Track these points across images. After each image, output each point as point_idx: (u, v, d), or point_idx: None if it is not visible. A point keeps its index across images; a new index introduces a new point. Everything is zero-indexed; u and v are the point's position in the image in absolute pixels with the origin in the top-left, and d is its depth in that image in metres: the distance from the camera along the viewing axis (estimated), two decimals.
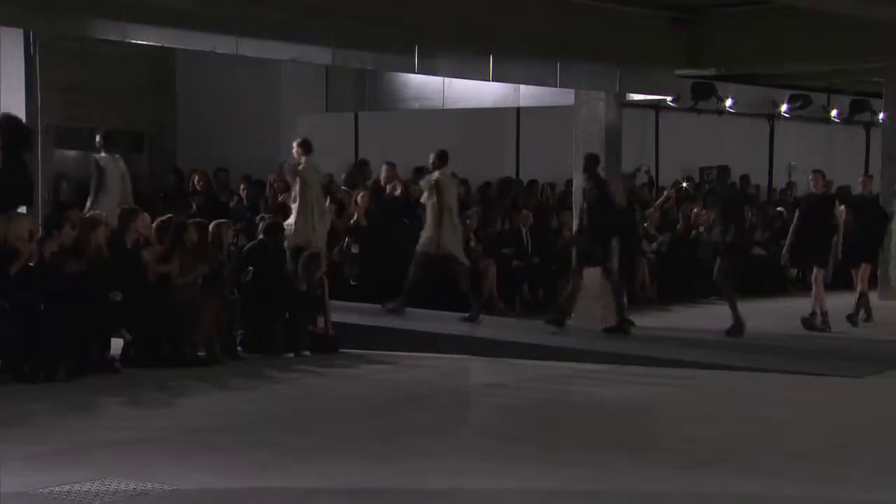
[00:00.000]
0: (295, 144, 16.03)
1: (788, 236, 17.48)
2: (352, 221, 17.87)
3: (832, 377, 12.71)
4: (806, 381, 12.54)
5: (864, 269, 17.87)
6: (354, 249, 17.66)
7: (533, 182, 22.31)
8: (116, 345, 12.93)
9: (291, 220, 15.55)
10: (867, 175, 19.20)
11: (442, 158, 15.84)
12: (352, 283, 17.43)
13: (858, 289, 17.67)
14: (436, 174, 15.80)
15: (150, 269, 13.25)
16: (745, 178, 25.98)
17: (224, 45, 13.57)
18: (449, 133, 19.91)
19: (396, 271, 16.64)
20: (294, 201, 15.78)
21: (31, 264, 12.20)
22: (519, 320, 17.34)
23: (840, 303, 17.33)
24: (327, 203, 16.95)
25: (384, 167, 19.00)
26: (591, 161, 15.84)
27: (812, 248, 16.87)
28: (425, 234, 15.72)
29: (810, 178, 17.64)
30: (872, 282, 20.99)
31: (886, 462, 8.99)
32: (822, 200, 17.20)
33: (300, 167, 15.75)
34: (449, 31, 14.54)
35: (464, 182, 21.15)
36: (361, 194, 18.27)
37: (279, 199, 16.96)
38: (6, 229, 12.31)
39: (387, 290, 16.80)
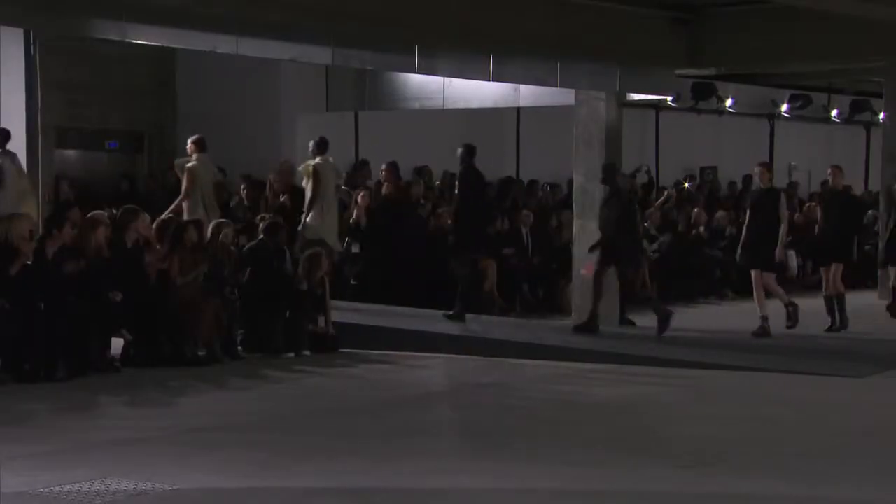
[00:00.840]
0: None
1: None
2: (352, 221, 17.88)
3: (832, 377, 12.71)
4: (806, 380, 12.54)
5: (834, 270, 16.45)
6: (355, 249, 17.67)
7: (533, 182, 22.32)
8: (117, 344, 12.94)
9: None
10: (835, 166, 17.17)
11: (321, 146, 16.08)
12: (352, 282, 17.44)
13: (823, 292, 16.54)
14: (314, 161, 15.95)
15: (151, 267, 13.25)
16: (748, 179, 25.97)
17: (224, 44, 13.59)
18: (449, 133, 19.90)
19: (397, 271, 16.66)
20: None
21: (30, 264, 12.21)
22: (519, 320, 17.34)
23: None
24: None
25: (384, 167, 19.01)
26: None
27: (758, 246, 15.83)
28: (302, 219, 15.89)
29: (756, 170, 16.52)
30: (868, 283, 21.06)
31: (886, 462, 8.99)
32: (766, 195, 15.94)
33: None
34: (449, 30, 14.54)
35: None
36: (362, 194, 18.27)
37: (279, 199, 16.97)
38: (7, 229, 12.32)
39: (387, 289, 16.84)
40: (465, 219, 15.67)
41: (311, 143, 16.22)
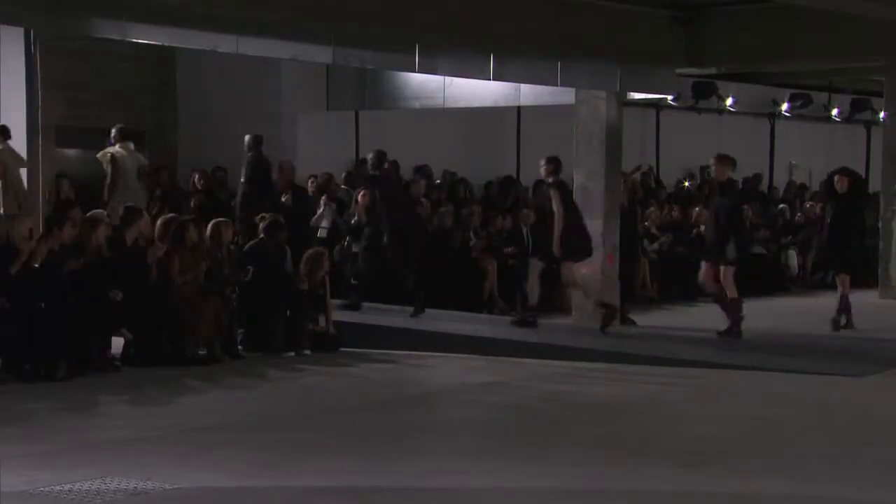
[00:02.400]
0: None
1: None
2: (353, 221, 17.87)
3: (833, 376, 12.71)
4: (806, 380, 12.54)
5: (723, 272, 15.40)
6: (355, 248, 17.65)
7: (539, 182, 22.30)
8: (117, 344, 12.94)
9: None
10: (718, 156, 15.69)
11: (123, 133, 16.36)
12: (352, 281, 17.42)
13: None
14: (113, 148, 16.18)
15: (152, 257, 13.24)
16: (757, 177, 25.95)
17: (225, 44, 13.57)
18: (449, 132, 19.93)
19: (396, 270, 16.60)
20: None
21: (33, 264, 12.20)
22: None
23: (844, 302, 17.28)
24: (323, 200, 17.13)
25: (385, 165, 18.98)
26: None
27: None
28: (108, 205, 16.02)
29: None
30: (869, 282, 20.99)
31: (887, 461, 8.99)
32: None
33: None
34: (449, 30, 14.53)
35: (463, 181, 21.19)
36: (362, 193, 18.26)
37: (281, 199, 16.96)
38: (9, 228, 12.32)
39: (387, 288, 16.80)
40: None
41: (113, 131, 16.55)
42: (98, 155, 16.66)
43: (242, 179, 16.98)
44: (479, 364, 13.61)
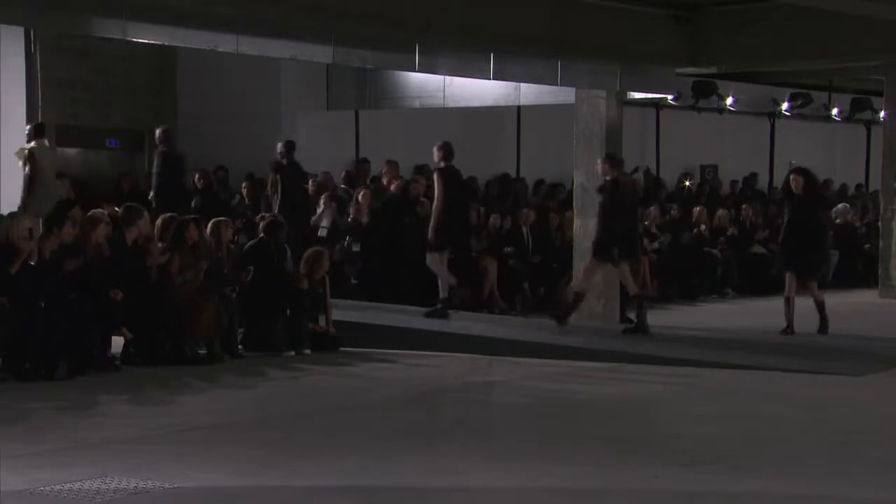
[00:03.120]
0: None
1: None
2: (350, 219, 17.89)
3: (832, 375, 12.71)
4: (806, 379, 12.54)
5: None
6: (355, 248, 17.68)
7: (540, 182, 22.35)
8: (117, 343, 12.94)
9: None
10: (604, 157, 15.39)
11: (38, 130, 16.28)
12: (352, 281, 17.45)
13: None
14: (30, 144, 16.11)
15: (152, 259, 13.25)
16: (753, 177, 25.99)
17: (225, 43, 13.59)
18: (449, 131, 19.89)
19: (397, 270, 16.65)
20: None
21: (31, 263, 12.20)
22: (519, 319, 17.33)
23: (844, 300, 17.30)
24: (324, 200, 17.08)
25: (385, 165, 19.02)
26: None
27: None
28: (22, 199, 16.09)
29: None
30: (869, 282, 20.87)
31: (887, 461, 8.99)
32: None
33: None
34: (449, 29, 14.54)
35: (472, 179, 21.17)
36: (362, 192, 18.28)
37: (193, 190, 16.90)
38: (9, 228, 12.32)
39: (387, 288, 16.83)
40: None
41: (28, 127, 16.49)
42: (15, 152, 16.59)
43: (154, 170, 16.94)
44: (479, 364, 13.60)
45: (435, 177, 15.33)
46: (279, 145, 17.06)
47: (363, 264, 17.68)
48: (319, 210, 17.93)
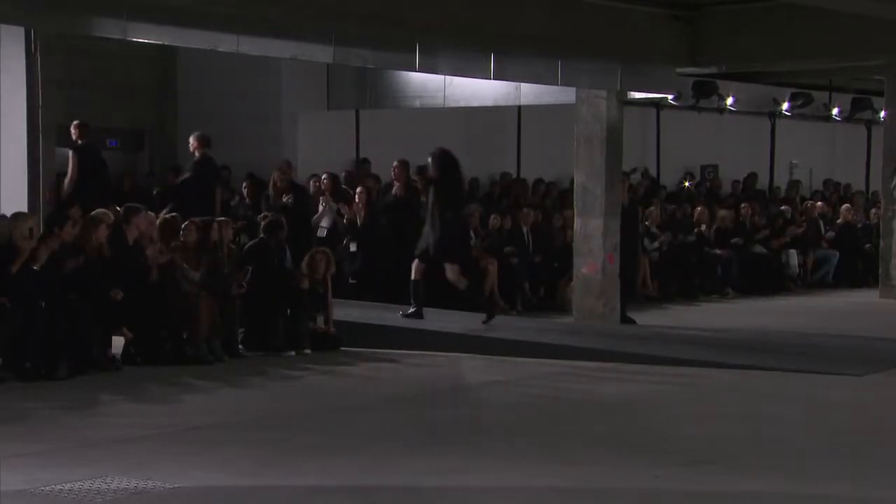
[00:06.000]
0: None
1: None
2: (346, 219, 17.89)
3: (832, 375, 12.71)
4: (806, 379, 12.54)
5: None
6: (353, 247, 17.68)
7: (539, 181, 22.34)
8: (117, 342, 12.95)
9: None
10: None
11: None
12: (351, 280, 17.44)
13: None
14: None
15: (153, 259, 13.24)
16: (753, 177, 25.97)
17: (225, 42, 13.58)
18: (450, 131, 19.91)
19: (397, 269, 16.60)
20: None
21: (33, 265, 12.20)
22: (520, 318, 17.33)
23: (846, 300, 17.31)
24: (323, 200, 17.09)
25: (395, 165, 18.97)
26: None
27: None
28: None
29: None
30: (869, 281, 20.82)
31: (886, 461, 8.99)
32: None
33: None
34: (450, 29, 14.53)
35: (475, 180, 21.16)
36: (359, 192, 18.27)
37: (282, 198, 16.92)
38: (11, 227, 12.33)
39: (387, 288, 16.81)
40: None
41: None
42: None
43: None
44: (479, 364, 13.61)
45: (69, 155, 15.47)
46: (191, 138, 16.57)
47: (361, 264, 17.68)
48: (319, 210, 17.93)
